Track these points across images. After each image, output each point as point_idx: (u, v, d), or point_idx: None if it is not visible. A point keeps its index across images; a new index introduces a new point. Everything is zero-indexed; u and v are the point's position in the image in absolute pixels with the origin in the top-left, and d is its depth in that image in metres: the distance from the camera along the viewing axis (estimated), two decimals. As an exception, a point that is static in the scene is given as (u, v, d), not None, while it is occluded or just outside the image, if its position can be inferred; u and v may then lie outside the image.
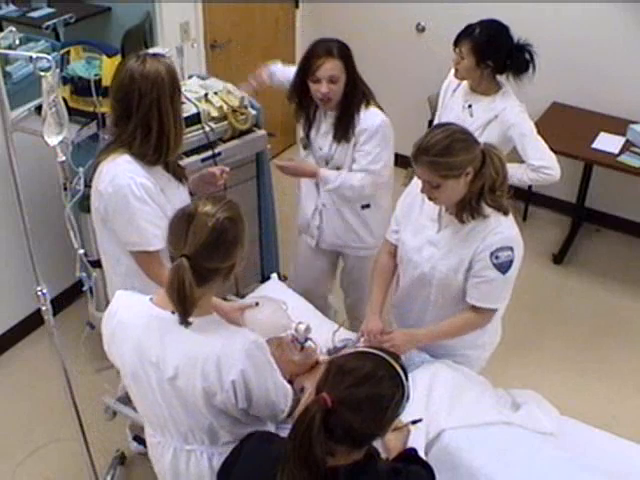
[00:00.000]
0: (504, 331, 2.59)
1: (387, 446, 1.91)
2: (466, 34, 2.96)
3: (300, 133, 2.99)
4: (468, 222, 2.23)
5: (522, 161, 3.01)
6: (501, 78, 3.04)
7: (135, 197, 2.21)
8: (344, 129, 2.78)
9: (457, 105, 3.13)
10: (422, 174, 2.18)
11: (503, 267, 2.23)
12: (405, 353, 2.34)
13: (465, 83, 3.12)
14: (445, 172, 2.12)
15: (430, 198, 2.23)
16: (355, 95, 2.75)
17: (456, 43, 2.99)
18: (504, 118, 2.97)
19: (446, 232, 2.31)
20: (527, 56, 2.97)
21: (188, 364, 1.77)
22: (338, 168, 2.85)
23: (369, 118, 2.77)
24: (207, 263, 1.73)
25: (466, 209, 2.21)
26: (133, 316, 1.86)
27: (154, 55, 2.27)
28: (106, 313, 1.93)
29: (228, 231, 1.75)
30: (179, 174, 2.44)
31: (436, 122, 3.27)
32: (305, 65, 2.71)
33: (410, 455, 1.89)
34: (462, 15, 3.19)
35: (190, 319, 1.75)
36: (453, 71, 3.12)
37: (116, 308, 1.91)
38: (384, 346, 2.07)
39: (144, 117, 2.18)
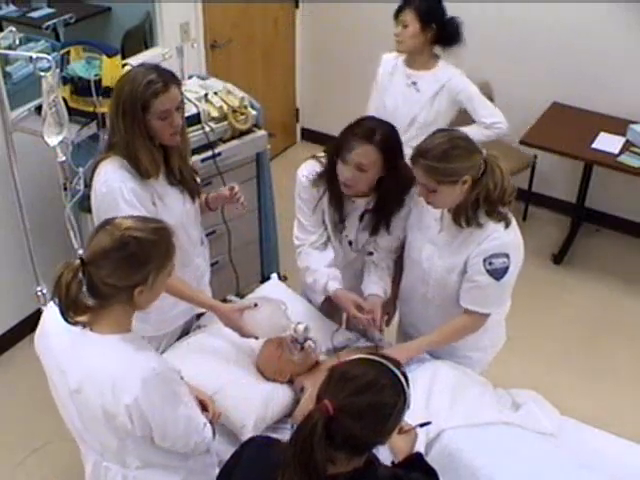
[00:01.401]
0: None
1: (394, 449, 1.91)
2: (407, 3, 3.12)
3: (331, 216, 2.53)
4: (465, 227, 2.23)
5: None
6: (437, 50, 3.22)
7: (124, 200, 2.23)
8: (377, 226, 2.47)
9: (399, 84, 3.25)
10: (419, 177, 2.18)
11: (497, 273, 2.21)
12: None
13: (401, 63, 3.26)
14: (441, 177, 2.12)
15: (427, 202, 2.23)
16: (393, 192, 2.39)
17: (397, 15, 3.15)
18: (451, 86, 3.17)
19: (446, 233, 2.31)
20: (455, 27, 3.14)
21: (88, 381, 1.73)
22: (370, 253, 2.58)
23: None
24: (98, 272, 1.66)
25: (462, 215, 2.21)
26: (54, 325, 1.80)
27: (141, 66, 2.29)
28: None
29: (129, 248, 1.66)
30: (190, 188, 2.44)
31: (375, 105, 3.31)
32: (339, 142, 2.32)
33: (416, 459, 1.88)
34: (462, 15, 3.18)
35: (86, 329, 1.72)
36: (386, 56, 3.31)
37: (44, 315, 1.87)
38: None
39: (111, 126, 2.23)
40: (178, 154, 2.35)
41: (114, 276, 1.66)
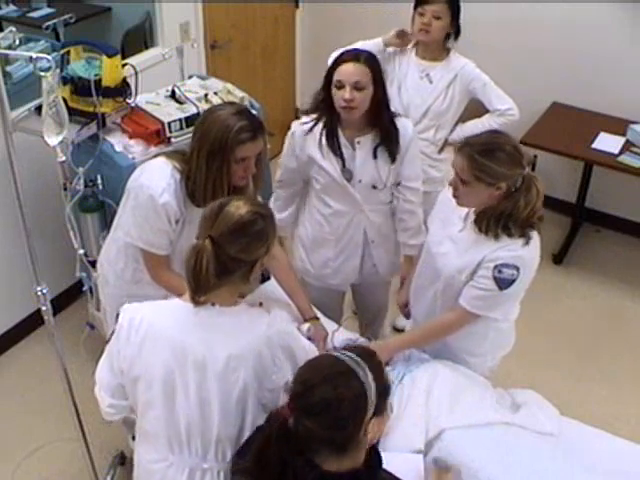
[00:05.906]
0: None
1: None
2: None
3: (336, 169, 2.63)
4: (482, 233, 2.23)
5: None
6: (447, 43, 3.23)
7: (154, 205, 2.28)
8: (393, 154, 2.59)
9: (413, 77, 3.23)
10: (458, 164, 2.18)
11: (502, 283, 2.21)
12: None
13: (413, 56, 3.24)
14: (478, 173, 2.13)
15: (454, 195, 2.25)
16: (386, 109, 2.57)
17: (426, 5, 3.09)
18: (464, 74, 3.18)
19: (467, 233, 2.30)
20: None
21: (239, 353, 1.78)
22: (374, 187, 2.65)
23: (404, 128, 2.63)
24: (230, 249, 1.75)
25: (484, 221, 2.22)
26: (165, 318, 1.84)
27: (230, 105, 2.35)
28: (123, 326, 1.85)
29: (256, 223, 1.79)
30: None
31: (396, 96, 3.25)
32: (329, 71, 2.53)
33: None
34: (462, 15, 3.18)
35: (216, 306, 1.81)
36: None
37: (140, 316, 1.84)
38: None
39: (190, 154, 2.29)
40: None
41: (245, 251, 1.78)
